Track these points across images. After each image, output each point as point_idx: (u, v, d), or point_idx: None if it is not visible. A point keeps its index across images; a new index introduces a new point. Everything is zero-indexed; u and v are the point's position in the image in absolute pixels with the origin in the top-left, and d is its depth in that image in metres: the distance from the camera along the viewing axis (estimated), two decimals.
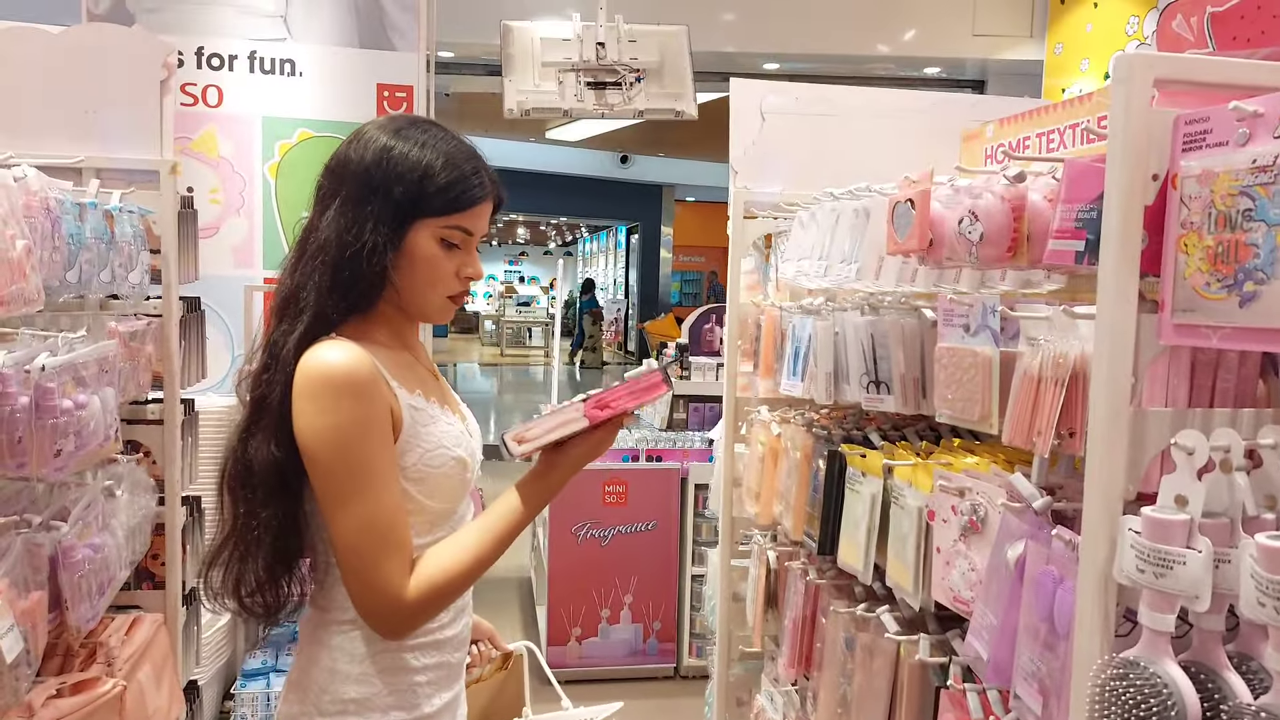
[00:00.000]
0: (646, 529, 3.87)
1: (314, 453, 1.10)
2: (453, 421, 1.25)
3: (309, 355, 1.12)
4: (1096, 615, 0.91)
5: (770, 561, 2.04)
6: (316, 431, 1.10)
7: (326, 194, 1.19)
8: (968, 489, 1.29)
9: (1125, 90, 0.88)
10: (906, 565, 1.44)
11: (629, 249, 19.25)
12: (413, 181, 1.15)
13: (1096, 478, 0.91)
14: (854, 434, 1.79)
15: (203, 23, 3.45)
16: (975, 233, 1.25)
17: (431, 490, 1.19)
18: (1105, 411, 0.90)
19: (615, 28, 3.81)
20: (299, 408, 1.11)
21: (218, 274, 3.40)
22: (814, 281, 1.77)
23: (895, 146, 2.10)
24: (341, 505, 1.10)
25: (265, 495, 1.14)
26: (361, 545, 1.10)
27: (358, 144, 1.19)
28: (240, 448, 1.15)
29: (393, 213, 1.15)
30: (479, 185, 1.20)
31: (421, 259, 1.17)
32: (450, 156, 1.18)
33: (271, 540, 1.15)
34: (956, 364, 1.30)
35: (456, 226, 1.19)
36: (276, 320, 1.17)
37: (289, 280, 1.18)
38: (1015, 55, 6.00)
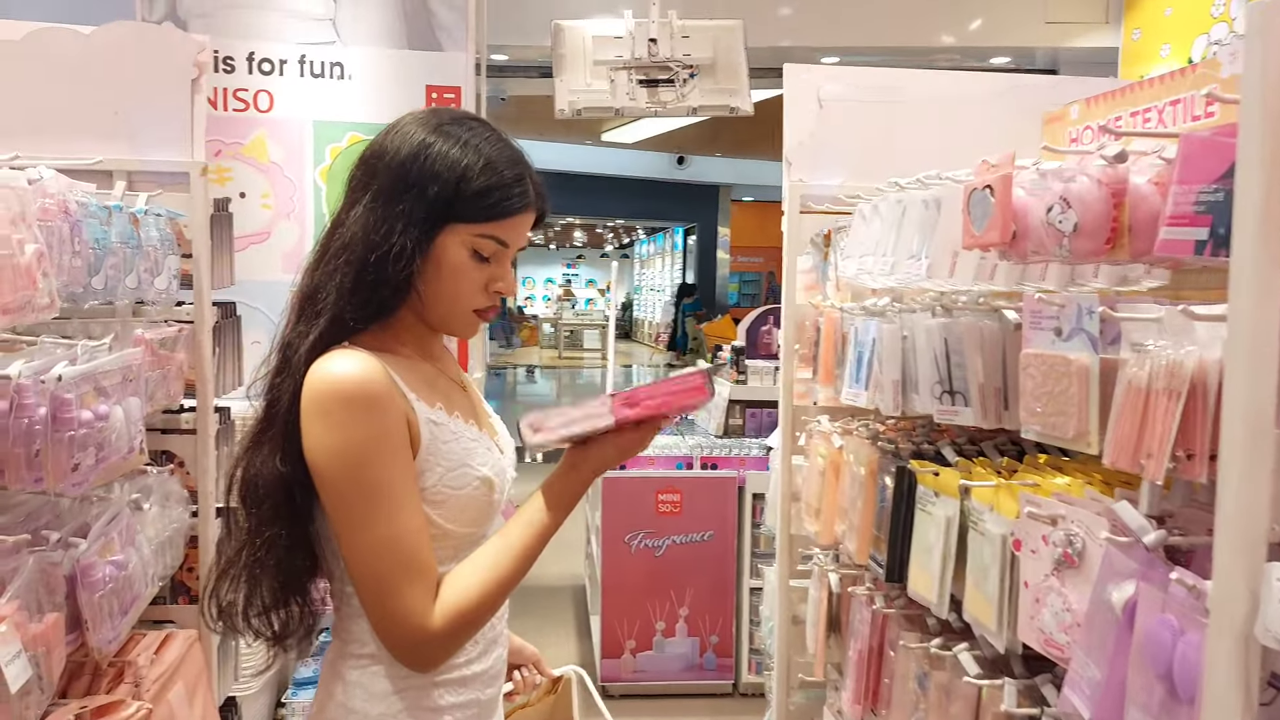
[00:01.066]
0: (702, 539, 3.74)
1: (324, 472, 1.01)
2: (478, 438, 1.14)
3: (318, 367, 1.03)
4: (1232, 681, 0.76)
5: (832, 584, 1.89)
6: (326, 449, 1.00)
7: (357, 187, 1.10)
8: (1061, 516, 1.13)
9: (1262, 44, 0.72)
10: (988, 600, 1.28)
11: (686, 250, 19.10)
12: (448, 182, 1.06)
13: (1232, 516, 0.76)
14: (925, 448, 1.64)
15: (254, 27, 3.45)
16: (1067, 222, 1.09)
17: (454, 513, 1.09)
18: (1243, 435, 0.74)
19: (668, 24, 3.70)
20: (307, 425, 1.02)
21: (269, 279, 3.39)
22: (878, 280, 1.62)
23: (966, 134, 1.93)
24: (357, 529, 1.01)
25: (271, 512, 1.05)
26: (380, 572, 1.01)
27: (395, 135, 1.09)
28: (247, 459, 1.07)
29: (424, 214, 1.06)
30: (520, 194, 1.09)
31: (448, 267, 1.08)
32: (492, 160, 1.08)
33: (277, 561, 1.06)
34: (1046, 373, 1.15)
35: (490, 236, 1.09)
36: (294, 320, 1.09)
37: (309, 279, 1.09)
38: (1089, 43, 5.70)
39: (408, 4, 3.61)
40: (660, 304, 20.80)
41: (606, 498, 3.70)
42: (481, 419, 1.21)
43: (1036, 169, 1.21)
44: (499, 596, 1.06)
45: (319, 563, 1.12)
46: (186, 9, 3.38)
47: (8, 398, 1.20)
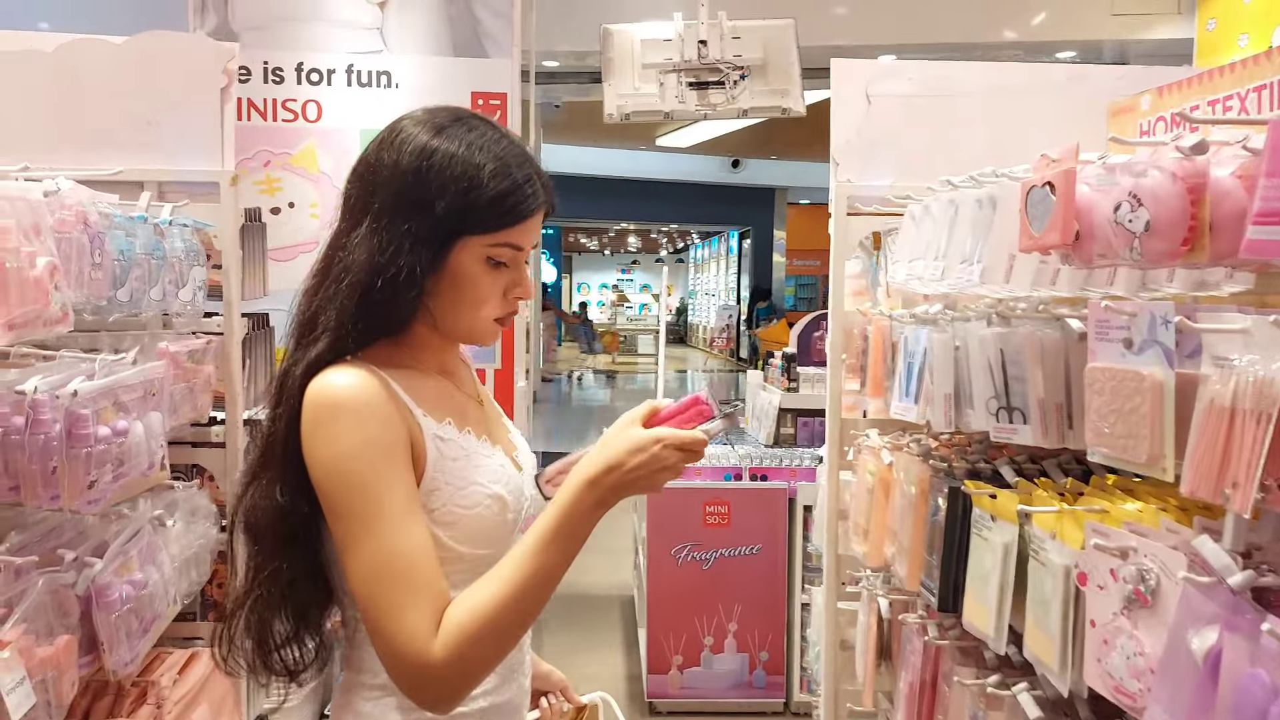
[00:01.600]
0: (751, 552, 3.64)
1: (321, 487, 0.96)
2: (492, 454, 1.08)
3: (314, 383, 0.97)
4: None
5: (882, 610, 1.78)
6: (321, 463, 0.95)
7: (356, 205, 1.02)
8: (1131, 549, 1.01)
9: None
10: (1050, 637, 1.17)
11: (741, 254, 18.95)
12: (459, 193, 0.99)
13: None
14: (981, 466, 1.52)
15: (303, 39, 3.47)
16: (1138, 221, 0.98)
17: (465, 534, 1.02)
18: None
19: (718, 25, 3.63)
20: (307, 443, 0.97)
21: None
22: (929, 286, 1.52)
23: (1025, 129, 1.80)
24: (353, 547, 0.95)
25: (273, 545, 1.00)
26: (376, 593, 0.94)
27: (391, 145, 1.02)
28: (246, 493, 1.02)
29: (434, 229, 0.99)
30: (532, 195, 1.03)
31: (466, 281, 1.02)
32: (501, 160, 1.01)
33: (283, 596, 1.01)
34: (1115, 389, 1.03)
35: (506, 244, 1.02)
36: (292, 347, 1.03)
37: (307, 303, 1.03)
38: (1160, 34, 5.44)
39: (453, 10, 3.60)
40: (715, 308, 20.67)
41: (651, 509, 3.62)
42: (498, 434, 1.14)
43: (1102, 163, 1.10)
44: (511, 620, 0.95)
45: (330, 593, 1.06)
46: (240, 22, 3.42)
47: (23, 413, 1.18)
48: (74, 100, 1.76)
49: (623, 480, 0.96)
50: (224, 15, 3.41)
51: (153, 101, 1.77)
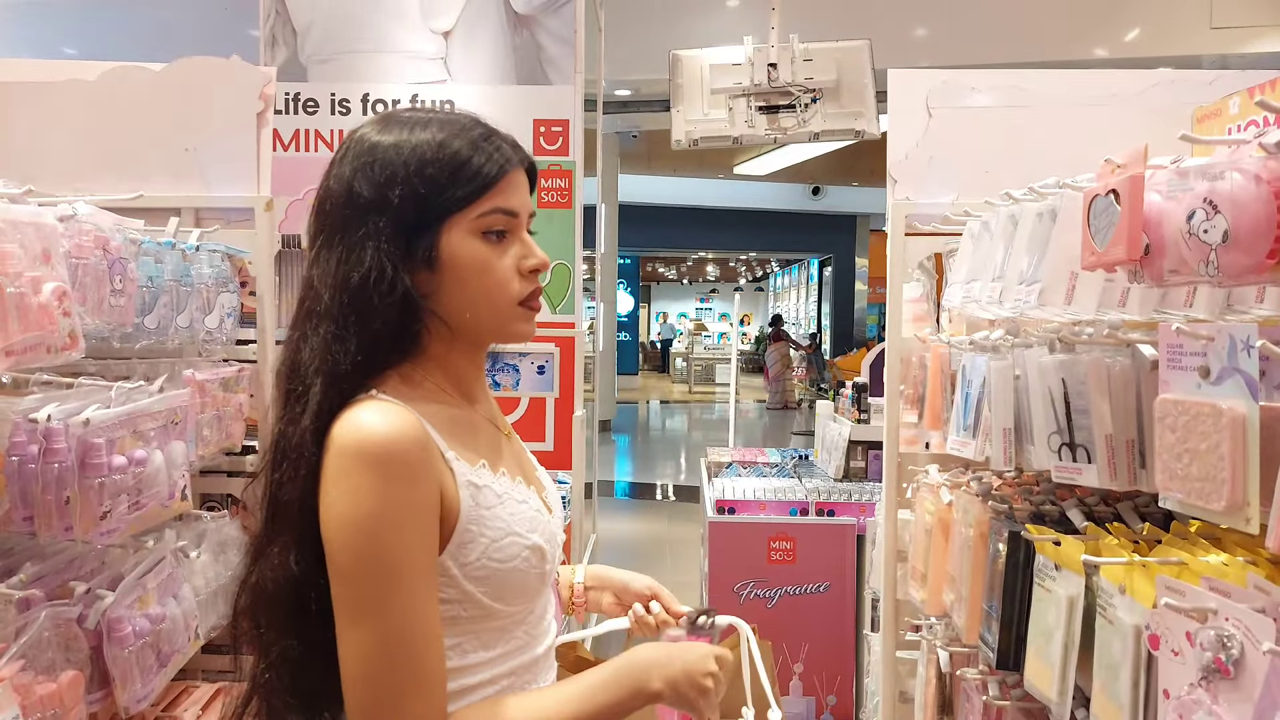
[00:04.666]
0: (818, 591, 3.47)
1: (334, 547, 0.85)
2: (526, 497, 0.97)
3: (344, 422, 0.87)
4: None
5: (942, 662, 1.63)
6: (338, 516, 0.85)
7: (315, 237, 0.94)
8: (1211, 611, 0.87)
9: None
10: (1119, 706, 1.02)
11: (821, 282, 18.66)
12: (416, 175, 0.89)
13: None
14: (1047, 508, 1.38)
15: (370, 70, 3.55)
16: (1215, 231, 0.85)
17: (500, 590, 0.92)
18: None
19: (789, 48, 3.56)
20: (325, 493, 0.86)
21: None
22: (987, 309, 1.39)
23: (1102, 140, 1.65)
24: (357, 620, 0.84)
25: (282, 620, 0.89)
26: (376, 675, 0.83)
27: (338, 163, 0.94)
28: (252, 572, 0.91)
29: (399, 220, 0.89)
30: (497, 151, 0.92)
31: (468, 264, 0.91)
32: (450, 128, 0.92)
33: (293, 678, 0.89)
34: (1190, 425, 0.89)
35: (495, 209, 0.92)
36: (279, 407, 0.92)
37: (285, 355, 0.93)
38: (1261, 48, 5.12)
39: (518, 40, 3.63)
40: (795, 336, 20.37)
41: (713, 544, 3.50)
42: (529, 473, 1.04)
43: (1175, 167, 0.97)
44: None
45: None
46: (308, 56, 3.52)
47: (37, 442, 1.17)
48: (114, 128, 1.80)
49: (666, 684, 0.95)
50: (293, 49, 3.51)
51: (190, 127, 1.79)
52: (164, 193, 1.73)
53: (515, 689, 0.95)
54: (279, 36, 3.49)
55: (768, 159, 12.40)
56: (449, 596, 0.90)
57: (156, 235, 1.46)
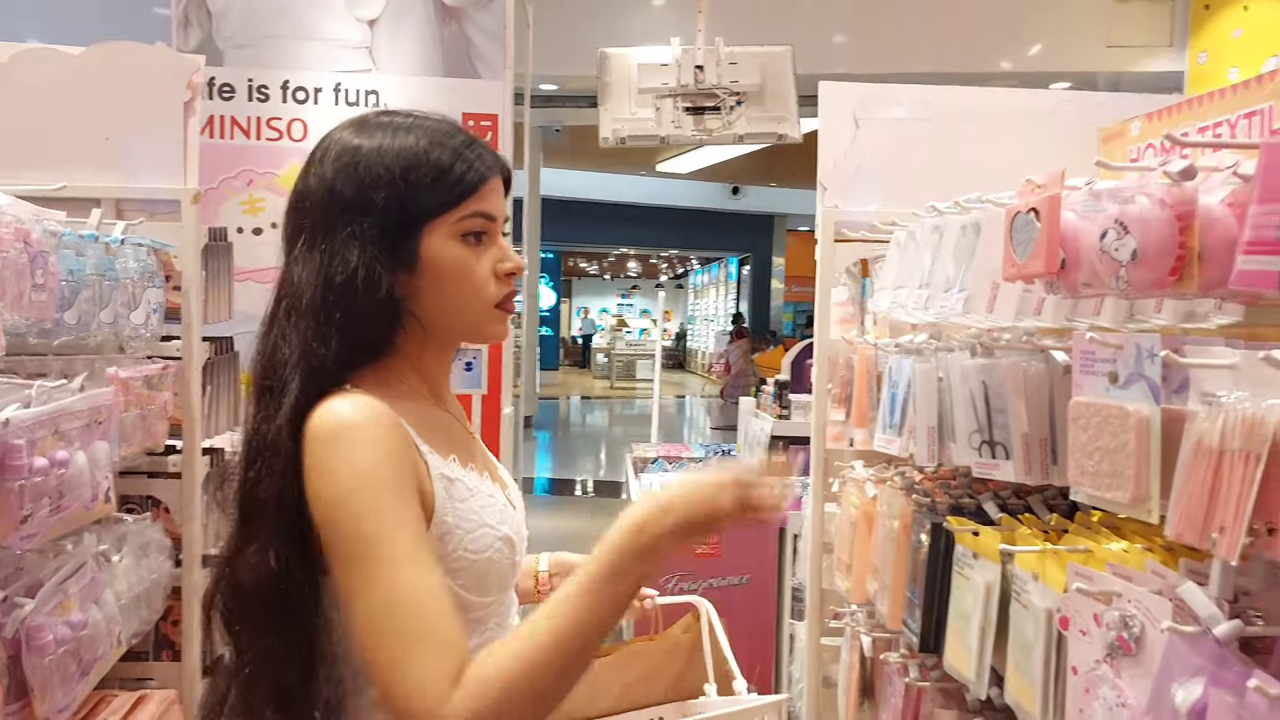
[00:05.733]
0: (740, 583, 3.56)
1: (324, 529, 0.86)
2: (494, 491, 1.00)
3: (314, 418, 0.87)
4: None
5: (865, 647, 1.71)
6: (323, 500, 0.85)
7: (293, 236, 0.95)
8: (1115, 594, 0.96)
9: None
10: (1031, 683, 1.11)
11: (740, 280, 18.97)
12: (400, 179, 0.91)
13: None
14: (965, 501, 1.46)
15: (291, 57, 3.45)
16: (1124, 249, 0.93)
17: (475, 581, 0.93)
18: None
19: (715, 50, 3.62)
20: (309, 482, 0.87)
21: None
22: (913, 315, 1.47)
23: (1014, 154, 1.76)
24: (355, 593, 0.84)
25: (264, 619, 0.88)
26: (379, 644, 0.82)
27: (318, 163, 0.95)
28: (228, 573, 0.91)
29: (382, 224, 0.91)
30: (477, 158, 0.95)
31: (449, 267, 0.93)
32: (432, 135, 0.94)
33: (275, 676, 0.88)
34: (1100, 425, 0.98)
35: (474, 213, 0.94)
36: (254, 405, 0.92)
37: (260, 352, 0.93)
38: (1153, 67, 5.47)
39: (446, 32, 3.59)
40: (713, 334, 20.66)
41: None
42: (491, 468, 1.06)
43: (1089, 188, 1.06)
44: (546, 685, 0.84)
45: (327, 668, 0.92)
46: (225, 39, 3.40)
47: None
48: (24, 113, 1.70)
49: (676, 524, 0.87)
50: (208, 31, 3.39)
51: (111, 116, 1.71)
52: (82, 182, 1.65)
53: None
54: (193, 18, 3.36)
55: (689, 157, 12.54)
56: None
57: (78, 227, 1.40)
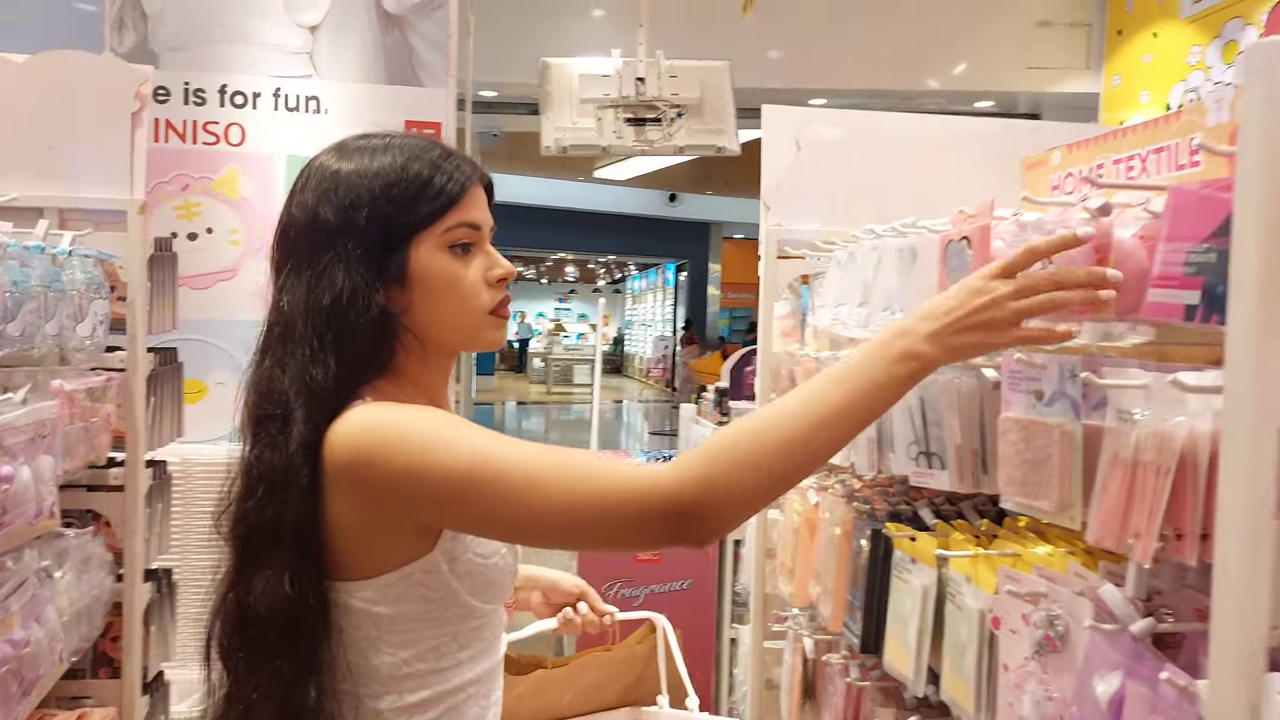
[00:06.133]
0: (682, 588, 3.62)
1: (431, 493, 0.85)
2: None
3: (335, 435, 0.88)
4: None
5: (807, 650, 1.78)
6: (413, 471, 0.85)
7: (280, 265, 0.96)
8: (1042, 595, 1.03)
9: (1263, 87, 0.64)
10: (966, 680, 1.19)
11: (677, 286, 19.14)
12: (382, 197, 0.93)
13: (1231, 620, 0.67)
14: (902, 508, 1.54)
15: (228, 61, 3.39)
16: None
17: (480, 586, 0.95)
18: (1242, 529, 0.66)
19: (655, 63, 3.69)
20: (367, 480, 0.86)
21: (236, 318, 3.29)
22: (853, 330, 1.54)
23: (946, 178, 1.87)
24: (507, 502, 0.83)
25: (274, 643, 0.88)
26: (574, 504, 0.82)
27: (301, 190, 0.97)
28: (233, 598, 0.92)
29: (366, 241, 0.92)
30: (457, 169, 0.97)
31: (439, 278, 0.95)
32: (409, 151, 0.96)
33: (283, 700, 0.88)
34: (1027, 439, 1.06)
35: (460, 223, 0.96)
36: (251, 437, 0.92)
37: (253, 390, 0.93)
38: (1070, 88, 5.74)
39: (389, 39, 3.57)
40: (651, 339, 20.78)
41: None
42: None
43: (1016, 220, 1.14)
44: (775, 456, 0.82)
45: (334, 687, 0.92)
46: (160, 42, 3.33)
47: None
48: None
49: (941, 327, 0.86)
50: (143, 34, 3.31)
51: (56, 125, 1.67)
52: (24, 191, 1.61)
53: (479, 697, 0.99)
54: (128, 20, 3.27)
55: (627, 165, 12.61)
56: (434, 595, 0.93)
57: (23, 238, 1.37)
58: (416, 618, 0.92)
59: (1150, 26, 5.16)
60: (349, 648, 0.92)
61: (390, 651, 0.92)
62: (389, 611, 0.91)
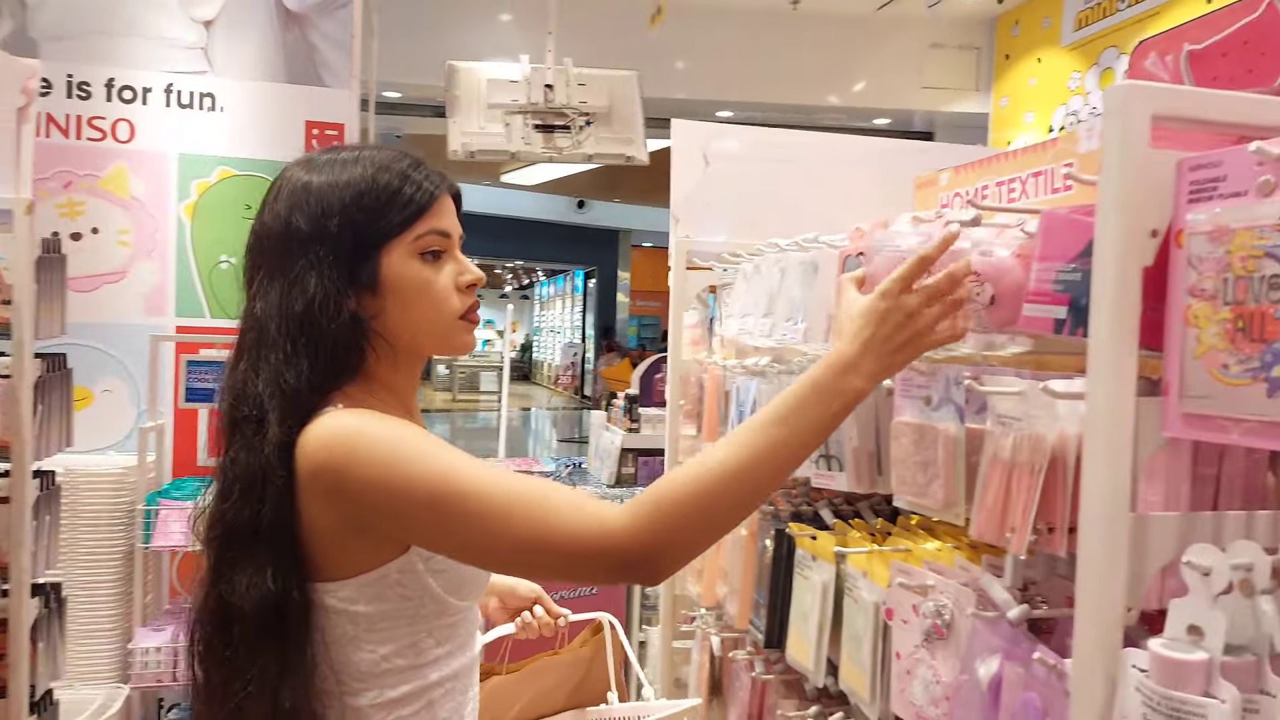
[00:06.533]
0: (589, 593, 3.64)
1: (393, 506, 0.87)
2: None
3: (308, 439, 0.90)
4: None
5: (714, 647, 1.84)
6: (379, 483, 0.86)
7: (252, 276, 0.98)
8: (930, 587, 1.11)
9: (1120, 126, 0.73)
10: (862, 669, 1.26)
11: (586, 293, 19.16)
12: (352, 206, 0.95)
13: (1091, 601, 0.74)
14: (804, 509, 1.62)
15: (115, 53, 3.24)
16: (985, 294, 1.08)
17: (455, 583, 0.97)
18: (1101, 521, 0.73)
19: (564, 71, 3.71)
20: (336, 486, 0.88)
21: (125, 322, 3.16)
22: (758, 340, 1.61)
23: (845, 194, 1.96)
24: (465, 524, 0.85)
25: (259, 639, 0.89)
26: (522, 535, 0.84)
27: (272, 201, 0.99)
28: (214, 597, 0.92)
29: (337, 249, 0.94)
30: (426, 178, 1.00)
31: (411, 283, 0.97)
32: (378, 163, 0.99)
33: (274, 693, 0.89)
34: (917, 442, 1.14)
35: (430, 231, 0.99)
36: (228, 441, 0.94)
37: (229, 394, 0.95)
38: (962, 108, 6.06)
39: (289, 37, 3.48)
40: (560, 345, 20.72)
41: None
42: None
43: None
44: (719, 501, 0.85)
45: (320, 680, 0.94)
46: (40, 30, 3.16)
47: None
48: None
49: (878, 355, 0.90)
50: (21, 22, 3.14)
51: None
52: None
53: (456, 692, 1.01)
54: (3, 7, 3.09)
55: (535, 170, 12.57)
56: (410, 594, 0.95)
57: None
58: (394, 615, 0.94)
59: (1035, 52, 5.49)
60: (329, 646, 0.94)
61: (369, 648, 0.94)
62: (367, 610, 0.93)
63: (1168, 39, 1.27)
